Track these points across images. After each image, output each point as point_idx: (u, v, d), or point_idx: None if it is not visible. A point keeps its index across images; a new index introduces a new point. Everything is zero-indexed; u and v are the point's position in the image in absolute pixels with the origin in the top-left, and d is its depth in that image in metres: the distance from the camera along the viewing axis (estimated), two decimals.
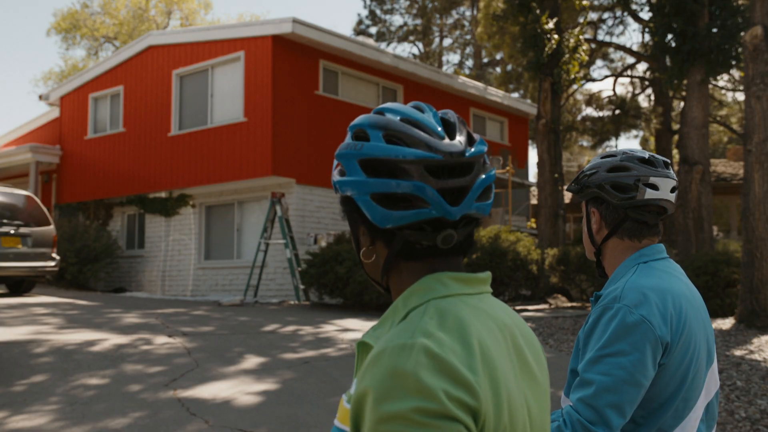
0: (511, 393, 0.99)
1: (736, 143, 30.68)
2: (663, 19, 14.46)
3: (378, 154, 1.04)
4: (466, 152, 1.05)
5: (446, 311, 1.00)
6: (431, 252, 1.07)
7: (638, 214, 1.80)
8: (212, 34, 15.38)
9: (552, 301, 14.42)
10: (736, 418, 5.26)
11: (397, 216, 1.03)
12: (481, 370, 0.95)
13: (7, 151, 18.11)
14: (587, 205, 1.88)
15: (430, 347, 0.93)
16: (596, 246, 1.87)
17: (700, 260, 11.41)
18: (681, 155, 14.58)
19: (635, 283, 1.68)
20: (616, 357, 1.57)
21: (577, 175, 1.90)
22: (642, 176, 1.78)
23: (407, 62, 16.92)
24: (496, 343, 1.01)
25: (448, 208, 1.02)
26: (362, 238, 1.12)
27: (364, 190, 1.05)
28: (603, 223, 1.85)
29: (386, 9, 36.90)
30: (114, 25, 35.79)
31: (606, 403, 1.54)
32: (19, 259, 11.13)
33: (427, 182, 1.01)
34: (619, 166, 1.81)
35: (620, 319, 1.61)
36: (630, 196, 1.78)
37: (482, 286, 1.09)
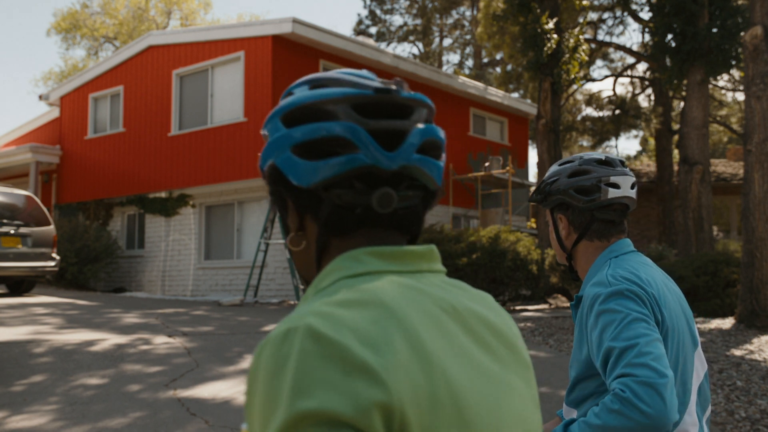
0: (458, 383, 0.79)
1: (736, 143, 30.69)
2: (663, 19, 14.47)
3: (299, 102, 0.91)
4: (400, 92, 0.91)
5: (357, 288, 0.82)
6: (366, 221, 0.89)
7: (604, 214, 1.84)
8: (212, 34, 15.38)
9: (552, 301, 14.43)
10: (736, 418, 5.26)
11: (322, 167, 0.87)
12: (399, 352, 0.75)
13: (7, 151, 18.11)
14: (553, 212, 1.92)
15: (315, 328, 0.74)
16: (567, 251, 1.92)
17: (700, 260, 11.42)
18: (681, 155, 14.58)
19: (613, 272, 1.73)
20: (633, 323, 1.58)
21: (538, 184, 1.94)
22: (603, 177, 1.83)
23: (407, 62, 16.92)
24: (435, 327, 0.81)
25: (381, 153, 0.86)
26: (289, 220, 0.96)
27: (284, 144, 0.90)
28: (571, 228, 1.89)
29: (386, 9, 36.91)
30: (114, 25, 35.79)
31: (648, 359, 1.51)
32: (19, 259, 11.13)
33: (354, 121, 0.87)
34: (579, 170, 1.86)
35: (610, 292, 1.66)
36: (594, 198, 1.83)
37: (420, 263, 0.90)
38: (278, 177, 0.93)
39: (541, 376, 6.46)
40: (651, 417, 1.43)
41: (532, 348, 7.92)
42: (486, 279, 12.01)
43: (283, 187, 0.93)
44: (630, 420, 1.44)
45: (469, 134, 18.98)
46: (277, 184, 0.94)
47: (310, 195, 0.90)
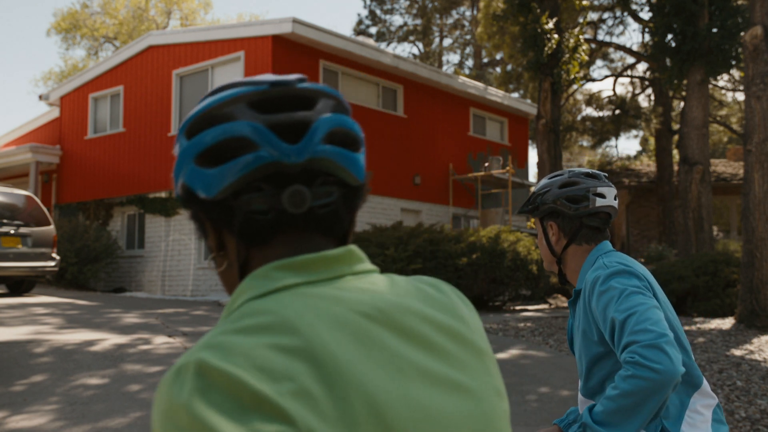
0: (381, 396, 0.72)
1: (736, 143, 30.69)
2: (663, 19, 14.47)
3: (198, 111, 0.86)
4: (297, 84, 0.86)
5: (258, 310, 0.75)
6: (282, 225, 0.83)
7: (591, 221, 2.04)
8: (212, 34, 15.38)
9: (552, 301, 14.43)
10: (736, 418, 5.26)
11: (226, 172, 0.81)
12: (302, 377, 0.69)
13: (7, 151, 18.11)
14: (543, 221, 2.11)
15: (205, 362, 0.69)
16: (557, 256, 2.10)
17: (700, 260, 11.42)
18: (681, 155, 14.58)
19: (608, 260, 1.94)
20: (633, 295, 1.76)
21: (528, 197, 2.14)
22: (591, 187, 2.04)
23: (407, 62, 16.92)
24: (353, 338, 0.74)
25: (283, 147, 0.80)
26: (210, 239, 0.89)
27: (188, 157, 0.85)
28: (561, 234, 2.08)
29: (386, 9, 36.91)
30: (114, 25, 35.80)
31: (648, 324, 1.66)
32: (19, 259, 11.13)
33: (251, 119, 0.82)
34: (569, 182, 2.06)
35: (610, 272, 1.86)
36: (584, 206, 2.03)
37: (338, 267, 0.82)
38: (190, 195, 0.87)
39: (542, 376, 6.46)
40: (661, 372, 1.57)
41: (532, 348, 7.92)
42: (486, 279, 12.01)
43: (196, 205, 0.87)
44: (643, 380, 1.58)
45: (469, 134, 18.98)
46: (191, 203, 0.87)
47: (221, 206, 0.84)
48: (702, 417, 1.86)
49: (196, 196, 0.86)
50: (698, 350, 7.72)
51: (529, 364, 7.04)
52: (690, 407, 1.85)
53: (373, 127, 16.16)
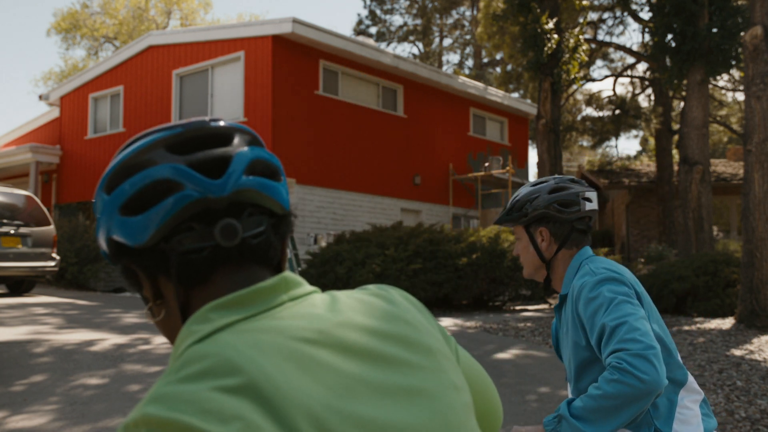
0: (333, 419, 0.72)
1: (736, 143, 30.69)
2: (663, 19, 14.47)
3: (115, 165, 0.86)
4: (212, 123, 0.87)
5: (198, 356, 0.74)
6: (218, 261, 0.83)
7: (581, 225, 2.09)
8: (212, 34, 15.38)
9: (552, 301, 14.42)
10: (736, 418, 5.26)
11: (153, 216, 0.81)
12: (249, 416, 0.69)
13: (7, 151, 18.11)
14: (529, 228, 2.11)
15: (152, 415, 0.69)
16: (546, 261, 2.10)
17: (700, 260, 11.41)
18: (681, 155, 14.58)
19: (594, 266, 1.97)
20: (622, 304, 1.79)
21: (510, 206, 2.12)
22: (580, 192, 2.08)
23: (407, 62, 16.91)
24: (297, 367, 0.75)
25: (207, 182, 0.81)
26: (146, 290, 0.88)
27: (111, 211, 0.85)
28: (553, 239, 2.09)
29: (386, 9, 36.91)
30: (114, 25, 35.80)
31: (637, 334, 1.70)
32: (19, 259, 11.13)
33: (171, 161, 0.82)
34: (558, 187, 2.09)
35: (599, 279, 1.89)
36: (575, 210, 2.07)
37: (275, 297, 0.83)
38: (119, 248, 0.86)
39: (542, 376, 6.46)
40: (647, 383, 1.62)
41: (532, 348, 7.92)
42: (486, 279, 12.01)
43: (127, 258, 0.86)
44: (628, 386, 1.62)
45: (469, 134, 18.97)
46: (121, 256, 0.87)
47: (154, 252, 0.84)
48: (692, 412, 1.90)
49: (126, 248, 0.85)
50: (698, 350, 7.73)
51: (529, 364, 7.04)
52: (679, 404, 1.88)
53: (373, 127, 16.17)
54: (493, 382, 1.08)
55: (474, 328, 9.40)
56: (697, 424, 1.89)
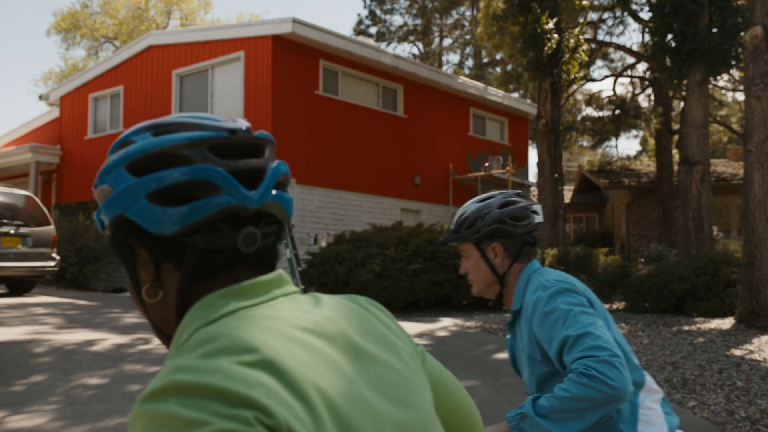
0: (333, 394, 0.79)
1: (736, 143, 30.69)
2: (663, 19, 14.47)
3: (147, 149, 0.88)
4: (250, 132, 0.92)
5: (211, 336, 0.79)
6: (232, 263, 0.89)
7: (531, 237, 2.11)
8: (212, 34, 15.38)
9: None
10: (736, 418, 5.26)
11: (187, 212, 0.85)
12: (269, 383, 0.74)
13: (7, 151, 18.11)
14: (480, 245, 2.09)
15: (182, 380, 0.72)
16: (500, 277, 2.09)
17: (700, 260, 11.41)
18: (681, 155, 14.58)
19: (545, 279, 1.98)
20: (580, 315, 1.81)
21: (458, 224, 2.11)
22: (528, 205, 2.11)
23: (407, 62, 16.91)
24: (299, 348, 0.81)
25: (245, 193, 0.86)
26: (143, 271, 0.91)
27: (137, 193, 0.87)
28: (506, 254, 2.09)
29: (386, 9, 36.91)
30: (114, 25, 35.80)
31: (601, 342, 1.72)
32: (19, 259, 11.13)
33: (215, 164, 0.86)
34: (507, 202, 2.10)
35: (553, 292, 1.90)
36: (527, 223, 2.08)
37: (272, 290, 0.89)
38: (131, 228, 0.89)
39: None
40: (616, 389, 1.64)
41: None
42: None
43: (137, 238, 0.89)
44: (597, 392, 1.64)
45: (469, 134, 18.98)
46: (129, 235, 0.89)
47: (172, 243, 0.87)
48: (654, 412, 1.92)
49: (141, 230, 0.88)
50: (698, 350, 7.73)
51: None
52: (641, 405, 1.90)
53: (373, 127, 16.17)
54: (493, 382, 1.11)
55: (474, 328, 9.40)
56: (660, 424, 1.90)
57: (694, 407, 5.55)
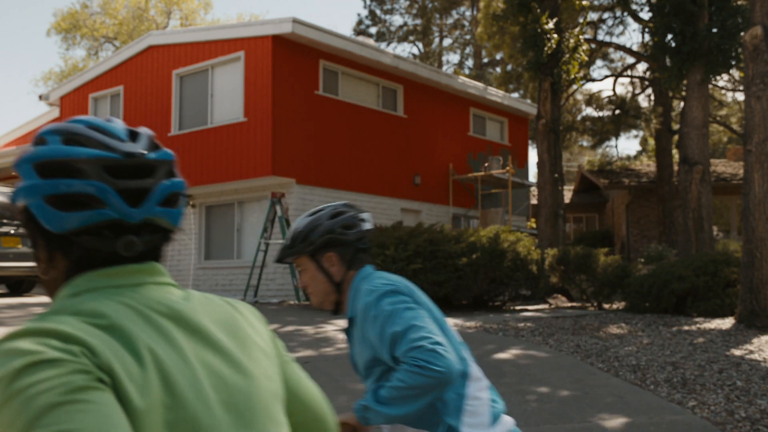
0: (168, 366, 0.92)
1: (736, 143, 30.68)
2: (663, 20, 14.47)
3: (53, 155, 1.00)
4: (146, 155, 1.03)
5: (70, 304, 0.96)
6: (112, 260, 1.02)
7: (362, 245, 2.19)
8: (212, 34, 15.38)
9: (552, 301, 14.43)
10: (736, 418, 5.26)
11: (73, 218, 0.98)
12: (105, 340, 0.89)
13: (7, 151, 18.12)
14: (315, 256, 2.16)
15: (33, 326, 0.89)
16: (337, 285, 2.18)
17: (700, 260, 11.41)
18: (681, 155, 14.58)
19: (370, 284, 2.07)
20: (404, 312, 1.94)
21: (292, 239, 2.19)
22: (357, 214, 2.20)
23: (407, 62, 16.91)
24: (146, 323, 0.96)
25: (127, 210, 0.99)
26: (40, 253, 1.06)
27: (37, 193, 1.00)
28: (341, 262, 2.17)
29: (386, 9, 36.91)
30: (114, 25, 35.79)
31: (424, 332, 1.88)
32: (19, 259, 11.13)
33: (104, 181, 0.99)
34: (336, 212, 2.19)
35: (378, 294, 2.01)
36: (358, 231, 2.17)
37: (140, 277, 1.03)
38: (30, 218, 1.03)
39: (542, 376, 6.46)
40: (443, 373, 1.81)
41: (532, 348, 7.92)
42: (486, 279, 12.01)
43: (34, 227, 1.04)
44: (427, 378, 1.82)
45: (469, 134, 18.98)
46: (30, 222, 1.05)
47: (62, 238, 1.01)
48: (480, 402, 2.02)
49: (38, 222, 1.02)
50: (698, 350, 7.73)
51: (529, 364, 7.04)
52: (467, 396, 2.01)
53: (373, 127, 16.17)
54: (493, 382, 1.14)
55: (474, 328, 9.40)
56: (485, 413, 2.01)
57: (694, 407, 5.55)
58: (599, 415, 5.28)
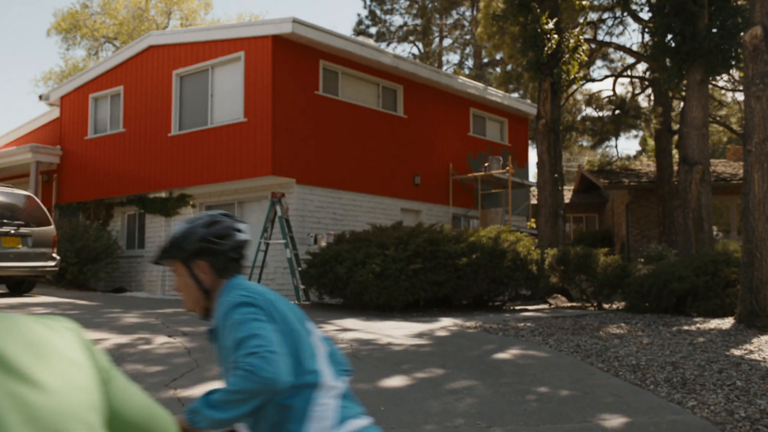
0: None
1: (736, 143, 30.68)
2: (663, 20, 14.48)
3: None
4: None
5: None
6: None
7: (235, 254, 2.28)
8: (212, 34, 15.38)
9: (552, 301, 14.43)
10: (736, 418, 5.27)
11: None
12: None
13: (7, 151, 18.12)
14: (188, 262, 2.25)
15: None
16: (207, 292, 2.27)
17: (700, 260, 11.41)
18: (681, 155, 14.58)
19: (229, 295, 2.19)
20: (251, 322, 2.04)
21: (168, 244, 2.27)
22: (230, 225, 2.29)
23: (407, 62, 16.92)
24: None
25: None
26: None
27: None
28: (212, 270, 2.26)
29: (386, 9, 36.90)
30: (114, 26, 35.79)
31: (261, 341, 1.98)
32: (19, 259, 11.13)
33: None
34: (212, 221, 2.27)
35: (233, 305, 2.11)
36: (232, 241, 2.26)
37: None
38: None
39: (541, 376, 6.47)
40: (270, 380, 1.90)
41: (532, 348, 7.92)
42: (486, 279, 12.01)
43: None
44: (252, 383, 1.90)
45: (469, 134, 18.98)
46: None
47: None
48: (327, 407, 2.10)
49: None
50: (698, 350, 7.73)
51: (529, 364, 7.05)
52: (315, 403, 2.09)
53: (373, 127, 16.17)
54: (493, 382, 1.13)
55: (474, 328, 9.40)
56: (332, 417, 2.08)
57: (694, 407, 5.55)
58: (599, 415, 5.29)
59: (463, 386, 5.99)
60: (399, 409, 5.33)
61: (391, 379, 6.21)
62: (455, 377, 6.31)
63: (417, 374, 6.42)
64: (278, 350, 1.97)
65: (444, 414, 5.24)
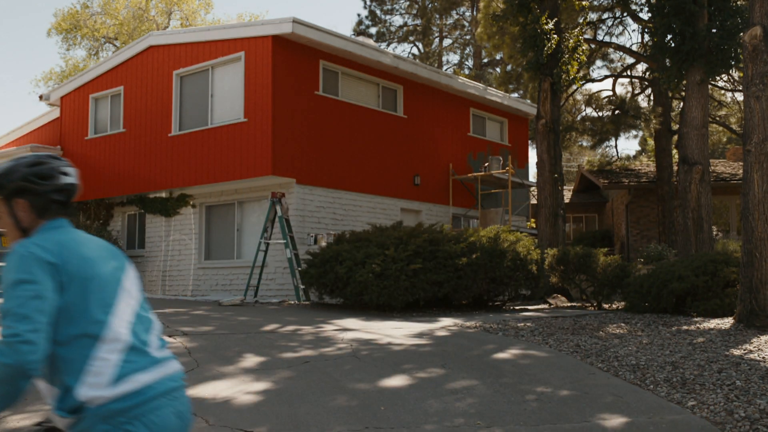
0: None
1: (736, 143, 30.69)
2: (662, 20, 14.49)
3: None
4: None
5: None
6: None
7: (59, 197, 2.24)
8: (212, 34, 15.39)
9: (552, 301, 14.44)
10: (736, 417, 5.28)
11: None
12: None
13: (7, 151, 18.12)
14: (9, 200, 2.22)
15: None
16: (24, 231, 2.23)
17: (699, 260, 11.42)
18: (680, 155, 14.59)
19: (29, 242, 2.10)
20: (22, 284, 1.97)
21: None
22: (55, 166, 2.24)
23: (407, 62, 16.93)
24: None
25: None
26: None
27: None
28: (32, 210, 2.22)
29: (386, 9, 36.90)
30: (114, 26, 35.80)
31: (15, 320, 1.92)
32: None
33: None
34: (36, 161, 2.23)
35: (21, 258, 2.03)
36: (54, 183, 2.22)
37: None
38: None
39: (541, 376, 6.47)
40: (11, 367, 1.87)
41: (532, 348, 7.93)
42: (486, 279, 12.02)
43: None
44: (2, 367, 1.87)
45: (469, 134, 18.99)
46: None
47: None
48: (106, 363, 2.04)
49: None
50: (698, 350, 7.74)
51: (529, 363, 7.05)
52: (93, 357, 2.03)
53: (373, 127, 16.18)
54: (493, 382, 1.13)
55: (474, 328, 9.41)
56: (109, 373, 2.03)
57: (694, 407, 5.56)
58: (599, 415, 5.30)
59: (462, 386, 6.00)
60: (399, 408, 5.34)
61: (391, 379, 6.22)
62: (455, 377, 6.32)
63: (417, 374, 6.43)
64: (26, 335, 1.90)
65: (444, 414, 5.25)
